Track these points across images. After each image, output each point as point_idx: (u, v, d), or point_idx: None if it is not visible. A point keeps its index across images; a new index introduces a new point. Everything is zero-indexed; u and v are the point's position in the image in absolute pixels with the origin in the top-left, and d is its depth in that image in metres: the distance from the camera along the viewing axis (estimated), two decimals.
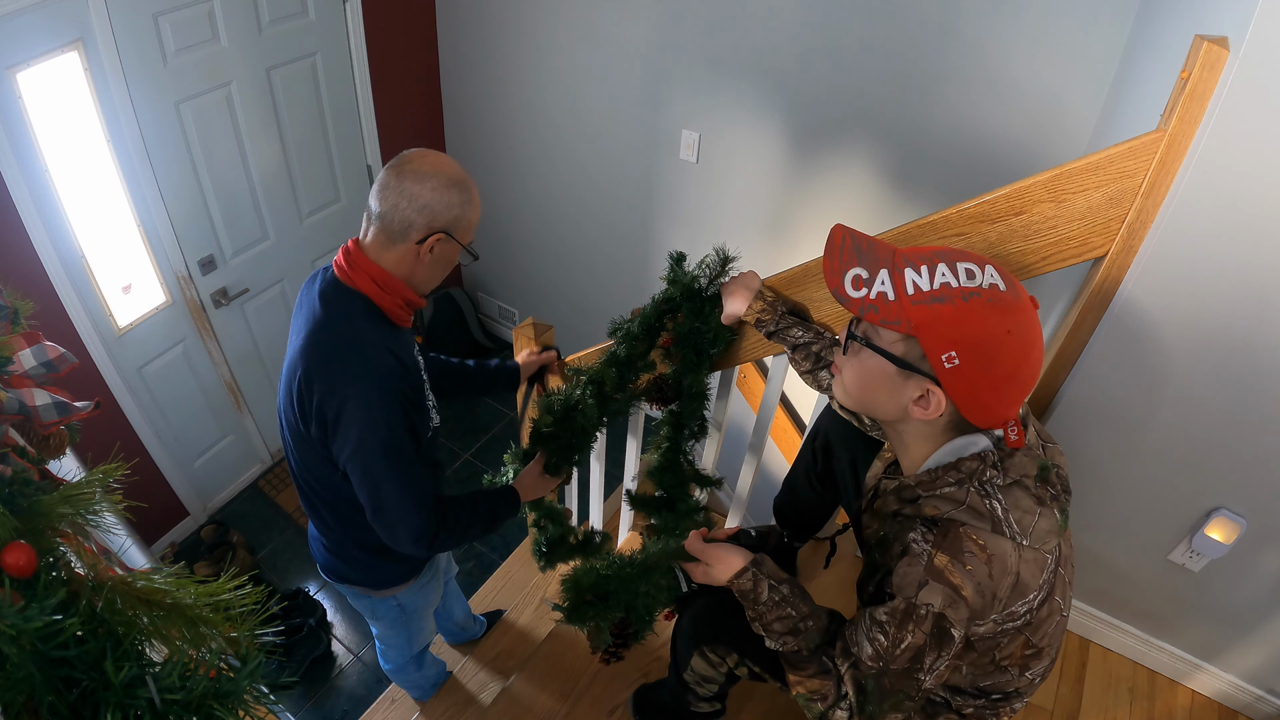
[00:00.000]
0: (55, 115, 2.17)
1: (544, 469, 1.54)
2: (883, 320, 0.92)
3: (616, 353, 1.52)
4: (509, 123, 3.28)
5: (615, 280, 3.41)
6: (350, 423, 1.20)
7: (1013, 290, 0.90)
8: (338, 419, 1.21)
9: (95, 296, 2.44)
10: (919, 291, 0.90)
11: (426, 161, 1.21)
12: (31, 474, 0.70)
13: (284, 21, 2.63)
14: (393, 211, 1.19)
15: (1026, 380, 0.91)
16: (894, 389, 0.95)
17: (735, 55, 2.50)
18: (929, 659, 0.95)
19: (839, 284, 0.94)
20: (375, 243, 1.23)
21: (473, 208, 1.25)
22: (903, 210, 2.41)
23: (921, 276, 0.90)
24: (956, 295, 0.88)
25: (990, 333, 0.87)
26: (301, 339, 1.24)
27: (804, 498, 1.60)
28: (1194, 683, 1.73)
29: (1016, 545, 0.93)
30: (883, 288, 0.92)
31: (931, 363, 0.90)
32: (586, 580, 1.24)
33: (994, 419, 0.94)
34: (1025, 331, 0.89)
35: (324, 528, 1.49)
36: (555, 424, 1.53)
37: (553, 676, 1.93)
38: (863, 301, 0.92)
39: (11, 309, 0.91)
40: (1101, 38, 1.87)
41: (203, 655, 0.67)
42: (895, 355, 0.93)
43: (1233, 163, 1.06)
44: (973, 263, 0.91)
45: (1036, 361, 0.91)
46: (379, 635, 1.91)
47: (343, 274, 1.25)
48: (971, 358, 0.88)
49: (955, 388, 0.90)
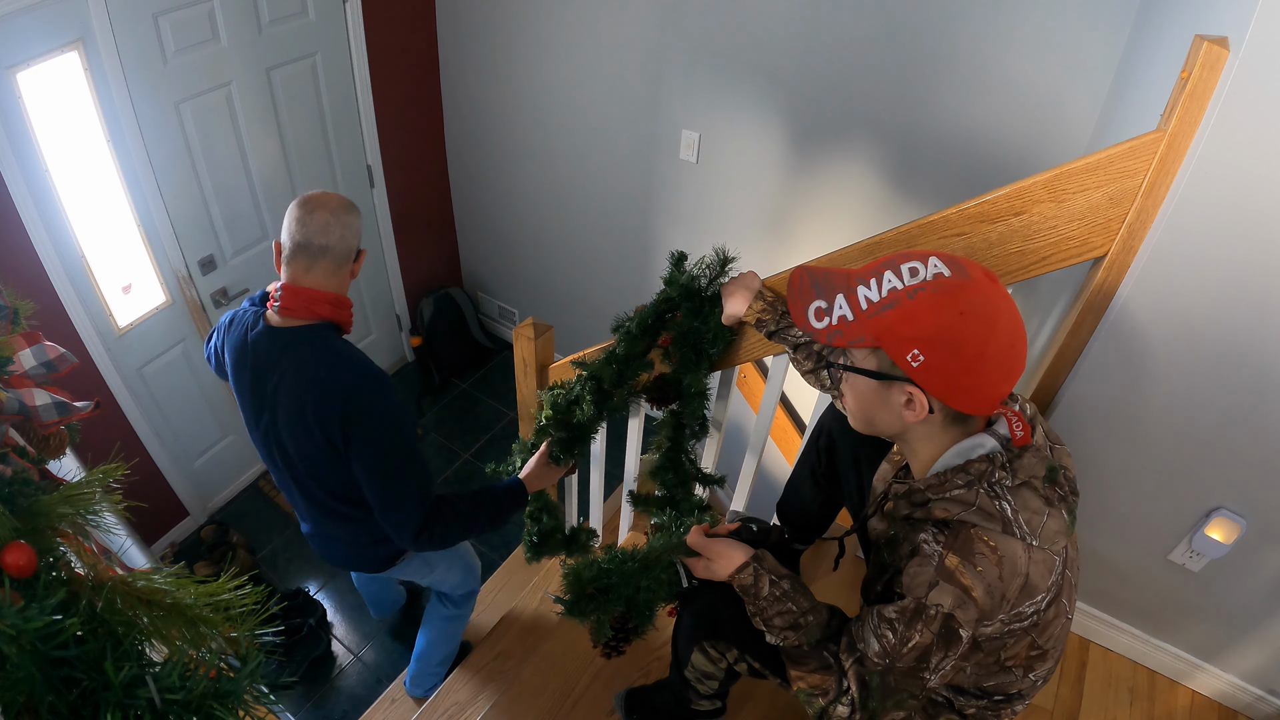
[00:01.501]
0: (55, 115, 2.17)
1: (549, 459, 1.63)
2: (849, 341, 0.96)
3: (616, 351, 1.53)
4: (509, 122, 3.28)
5: (615, 280, 3.41)
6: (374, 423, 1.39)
7: (959, 272, 0.91)
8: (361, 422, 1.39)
9: (95, 296, 2.43)
10: (871, 305, 0.94)
11: (334, 196, 1.42)
12: (31, 474, 0.70)
13: (284, 21, 2.63)
14: (341, 242, 1.41)
15: (1001, 354, 0.91)
16: (884, 401, 0.98)
17: (736, 55, 2.50)
18: (935, 659, 0.95)
19: (804, 320, 0.99)
20: (323, 272, 1.41)
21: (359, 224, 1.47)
22: (903, 210, 2.41)
23: (871, 290, 0.94)
24: (903, 296, 0.91)
25: (943, 320, 0.89)
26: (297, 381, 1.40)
27: (808, 498, 1.60)
28: (1194, 683, 1.73)
29: (1026, 546, 0.93)
30: (842, 311, 0.96)
31: (901, 366, 0.92)
32: (588, 574, 1.24)
33: (983, 402, 0.94)
34: (981, 307, 0.89)
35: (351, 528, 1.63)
36: (557, 418, 1.59)
37: (553, 676, 1.93)
38: (828, 330, 0.97)
39: (11, 309, 0.91)
40: (1101, 38, 1.87)
41: (203, 655, 0.67)
42: (870, 369, 0.97)
43: (1233, 162, 1.06)
44: (916, 260, 0.93)
45: (1005, 332, 0.90)
46: (442, 579, 2.00)
47: (294, 313, 1.40)
48: (933, 349, 0.90)
49: (930, 382, 0.92)
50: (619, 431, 2.06)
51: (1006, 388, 0.94)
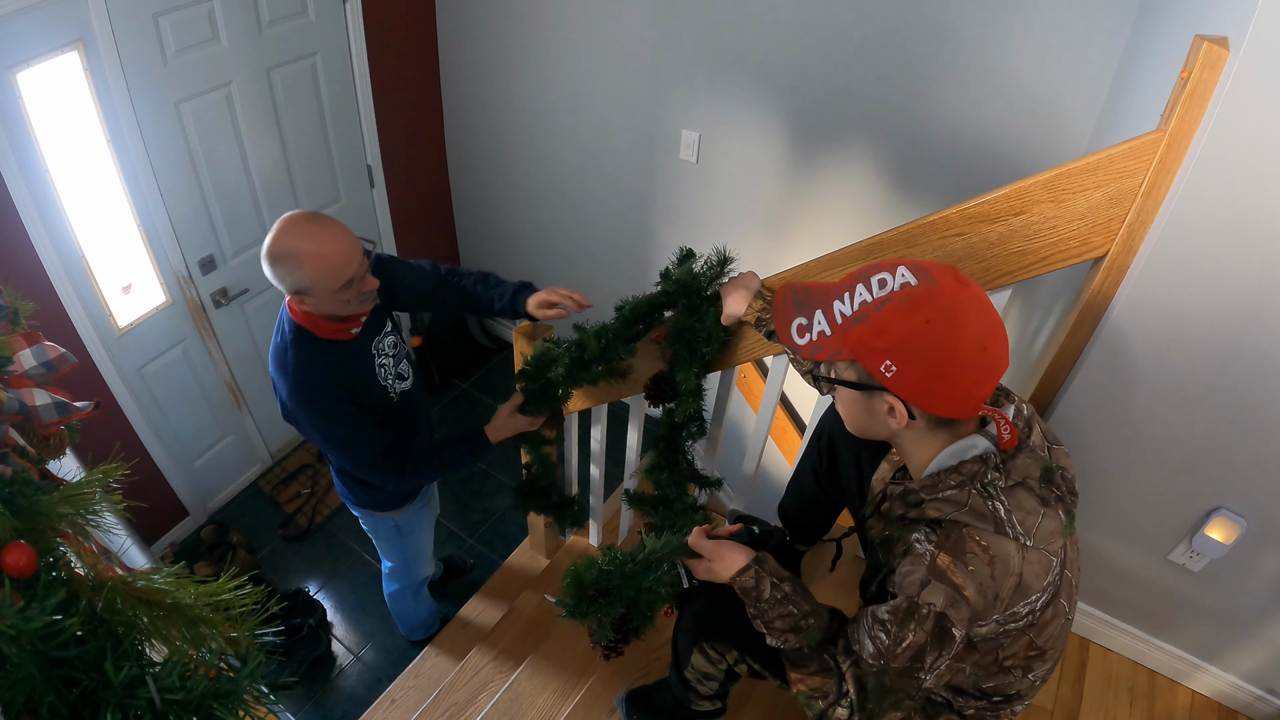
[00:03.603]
0: (55, 115, 2.17)
1: (517, 409, 1.69)
2: (828, 356, 0.98)
3: (606, 325, 1.55)
4: (509, 122, 3.28)
5: (615, 280, 3.41)
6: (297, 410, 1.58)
7: (925, 280, 0.92)
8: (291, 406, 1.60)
9: (95, 296, 2.43)
10: (844, 319, 0.96)
11: (274, 236, 1.43)
12: (31, 474, 0.70)
13: (284, 21, 2.63)
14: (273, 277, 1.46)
15: (972, 357, 0.91)
16: (869, 410, 1.00)
17: (735, 55, 2.50)
18: (930, 658, 0.95)
19: (788, 338, 1.02)
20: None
21: (305, 271, 1.43)
22: (902, 210, 2.41)
23: (845, 304, 0.97)
24: (871, 309, 0.94)
25: (909, 330, 0.91)
26: (270, 349, 1.62)
27: (810, 498, 1.60)
28: (1194, 683, 1.73)
29: (1020, 546, 0.93)
30: (820, 326, 0.99)
31: (876, 377, 0.94)
32: (588, 576, 1.24)
33: (961, 406, 0.95)
34: (946, 314, 0.90)
35: (332, 465, 1.91)
36: (531, 371, 1.63)
37: (553, 676, 1.93)
38: (809, 345, 1.00)
39: (11, 309, 0.91)
40: (1101, 38, 1.87)
41: (203, 655, 0.67)
42: (851, 381, 0.99)
43: (1233, 163, 1.06)
44: (885, 271, 0.95)
45: (974, 336, 0.91)
46: (383, 553, 2.25)
47: (289, 308, 1.55)
48: (903, 359, 0.92)
49: (905, 391, 0.94)
50: (620, 431, 2.06)
51: (986, 389, 0.94)
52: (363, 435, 1.64)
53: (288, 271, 1.43)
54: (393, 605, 2.51)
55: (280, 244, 1.41)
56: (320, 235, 1.43)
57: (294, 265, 1.42)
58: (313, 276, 1.43)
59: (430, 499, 2.13)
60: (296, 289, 1.46)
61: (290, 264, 1.42)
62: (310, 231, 1.43)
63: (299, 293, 1.47)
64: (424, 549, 2.23)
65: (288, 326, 1.57)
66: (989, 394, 0.96)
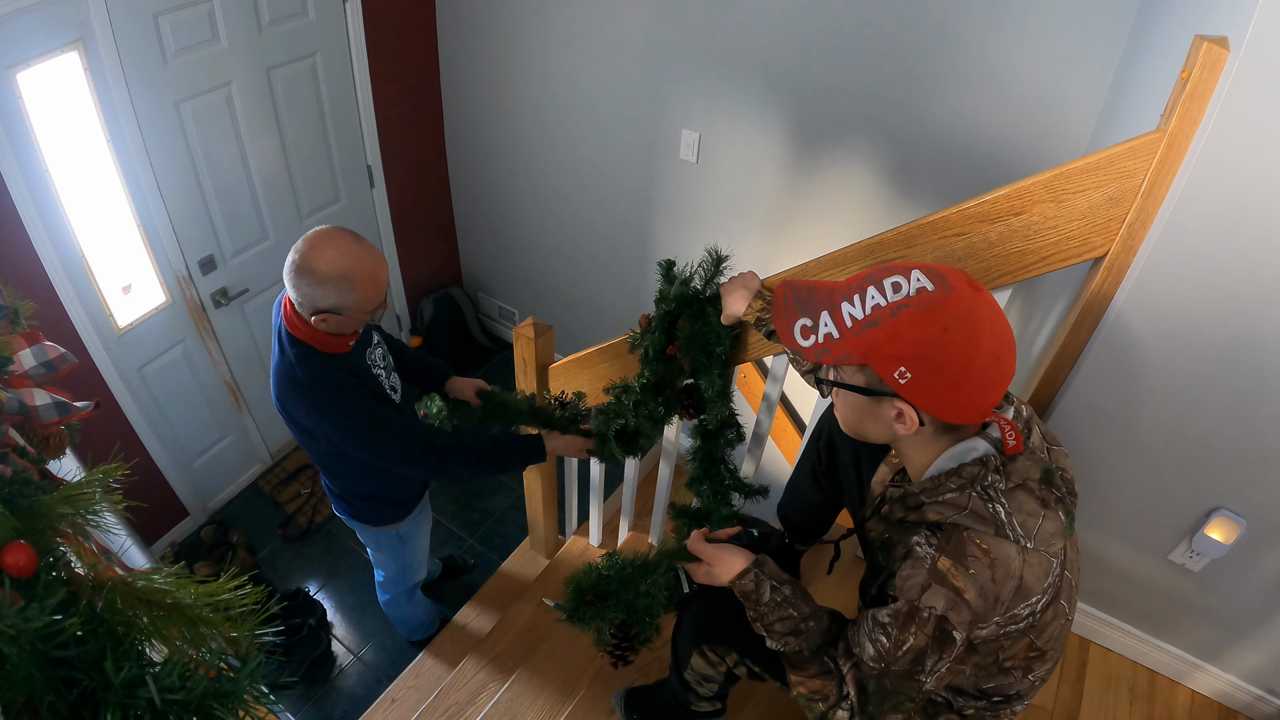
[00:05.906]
0: (55, 115, 2.17)
1: (585, 450, 1.76)
2: (836, 360, 0.96)
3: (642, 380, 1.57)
4: (509, 122, 3.28)
5: (615, 280, 3.41)
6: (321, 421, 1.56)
7: (942, 286, 0.90)
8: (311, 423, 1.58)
9: (95, 296, 2.43)
10: (856, 322, 0.93)
11: (315, 255, 1.40)
12: (31, 474, 0.70)
13: (284, 21, 2.63)
14: (294, 293, 1.44)
15: (987, 366, 0.90)
16: (874, 415, 0.98)
17: (735, 55, 2.50)
18: (930, 661, 0.95)
19: (790, 339, 0.98)
20: (300, 310, 1.48)
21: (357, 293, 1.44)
22: (903, 210, 2.41)
23: (855, 306, 0.93)
24: (886, 313, 0.91)
25: (927, 337, 0.89)
26: (272, 373, 1.58)
27: (809, 499, 1.60)
28: (1194, 683, 1.73)
29: (1020, 549, 0.93)
30: (827, 329, 0.95)
31: (888, 383, 0.92)
32: (587, 580, 1.24)
33: (972, 413, 0.94)
34: (964, 323, 0.89)
35: (333, 481, 1.87)
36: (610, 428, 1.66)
37: (553, 676, 1.93)
38: (814, 348, 0.96)
39: (11, 309, 0.91)
40: (1101, 38, 1.87)
41: (203, 655, 0.67)
42: (859, 386, 0.97)
43: (1233, 162, 1.06)
44: (899, 275, 0.92)
45: (990, 344, 0.90)
46: (378, 564, 2.25)
47: (289, 325, 1.52)
48: (919, 367, 0.90)
49: (918, 398, 0.92)
50: None
51: (995, 397, 0.94)
52: (395, 423, 1.61)
53: (337, 292, 1.41)
54: (389, 612, 2.50)
55: (334, 265, 1.40)
56: (370, 257, 1.43)
57: (347, 287, 1.41)
58: (362, 298, 1.44)
59: (426, 503, 2.14)
60: (335, 308, 1.44)
61: (343, 285, 1.41)
62: (360, 254, 1.42)
63: (332, 311, 1.44)
64: (421, 554, 2.23)
65: (289, 344, 1.53)
66: (998, 401, 0.95)
